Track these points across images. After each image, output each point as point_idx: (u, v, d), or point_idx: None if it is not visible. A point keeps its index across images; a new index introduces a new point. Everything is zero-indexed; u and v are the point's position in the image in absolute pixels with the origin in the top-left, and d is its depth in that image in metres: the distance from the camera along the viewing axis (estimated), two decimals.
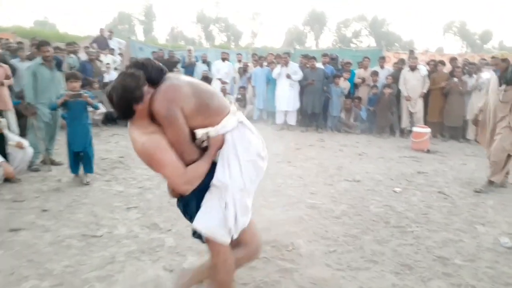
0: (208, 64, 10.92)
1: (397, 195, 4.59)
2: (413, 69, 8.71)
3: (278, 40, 68.05)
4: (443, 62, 8.99)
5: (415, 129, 7.70)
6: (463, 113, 8.40)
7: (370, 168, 5.80)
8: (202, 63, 10.93)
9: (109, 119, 8.71)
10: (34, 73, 5.30)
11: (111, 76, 9.28)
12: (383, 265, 2.88)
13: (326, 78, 9.12)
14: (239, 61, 11.10)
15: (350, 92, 9.38)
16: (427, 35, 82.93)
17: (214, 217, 2.01)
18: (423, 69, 8.86)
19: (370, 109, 8.91)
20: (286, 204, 4.15)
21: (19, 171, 4.86)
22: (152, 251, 3.03)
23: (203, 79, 10.28)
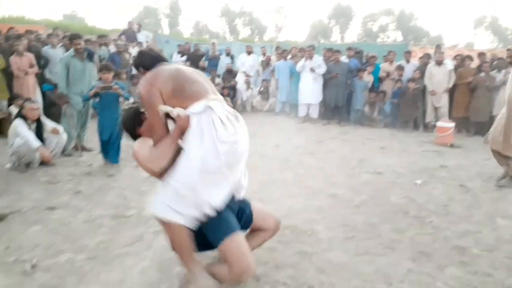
0: (232, 57, 11.04)
1: (418, 187, 4.61)
2: (439, 63, 8.58)
3: (303, 34, 67.64)
4: (470, 57, 8.80)
5: (439, 123, 7.59)
6: (490, 108, 8.22)
7: (392, 161, 5.81)
8: (226, 56, 11.06)
9: None
10: (67, 65, 5.57)
11: None
12: (401, 252, 2.94)
13: (350, 72, 9.10)
14: (263, 54, 11.18)
15: (374, 85, 9.34)
16: (457, 30, 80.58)
17: (165, 196, 2.17)
18: (449, 63, 8.72)
19: (394, 101, 8.83)
20: (307, 193, 4.24)
21: (53, 156, 5.14)
22: None
23: (226, 71, 10.47)
